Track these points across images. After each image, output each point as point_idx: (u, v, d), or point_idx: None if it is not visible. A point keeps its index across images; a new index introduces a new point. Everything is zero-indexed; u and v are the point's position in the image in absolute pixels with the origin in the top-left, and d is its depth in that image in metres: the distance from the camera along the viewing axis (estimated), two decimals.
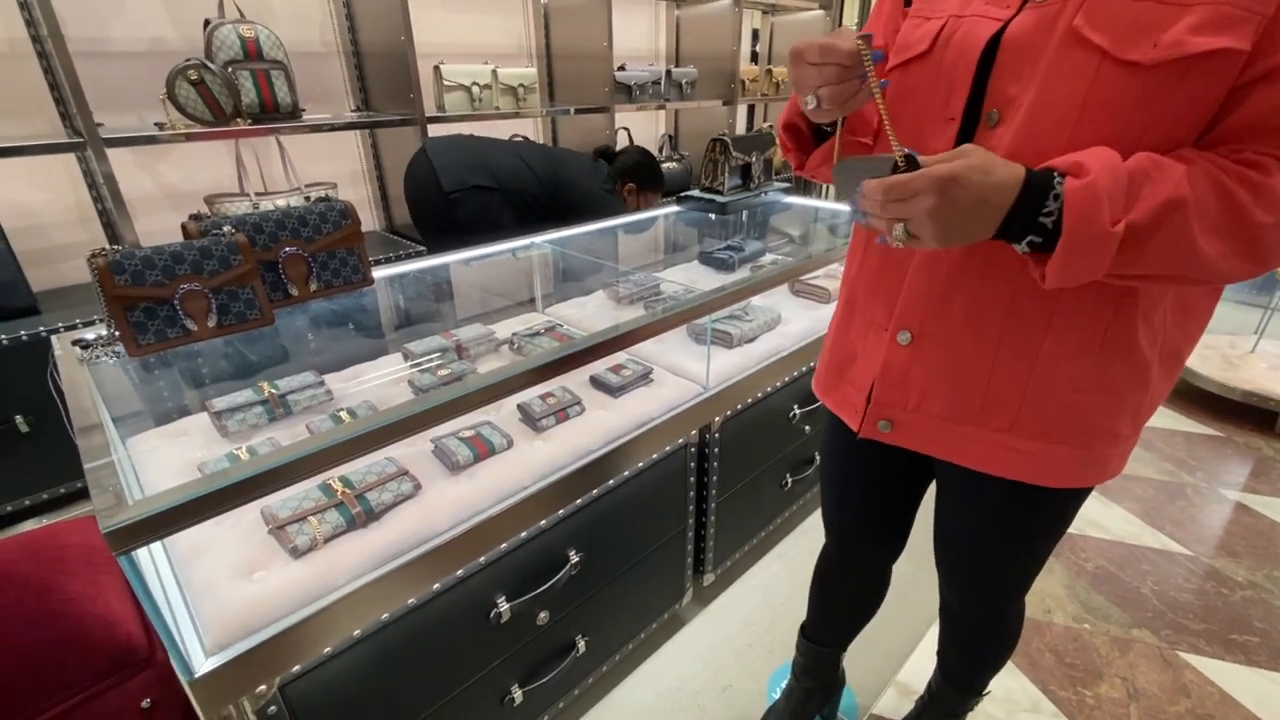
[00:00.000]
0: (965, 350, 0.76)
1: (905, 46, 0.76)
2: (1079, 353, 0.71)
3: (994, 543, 0.91)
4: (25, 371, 1.78)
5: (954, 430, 0.80)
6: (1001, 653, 1.12)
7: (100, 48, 2.02)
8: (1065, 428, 0.75)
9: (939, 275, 0.75)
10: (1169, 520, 1.99)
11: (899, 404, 0.83)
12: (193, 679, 0.76)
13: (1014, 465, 0.78)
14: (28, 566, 0.95)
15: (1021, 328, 0.72)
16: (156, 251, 1.01)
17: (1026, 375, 0.74)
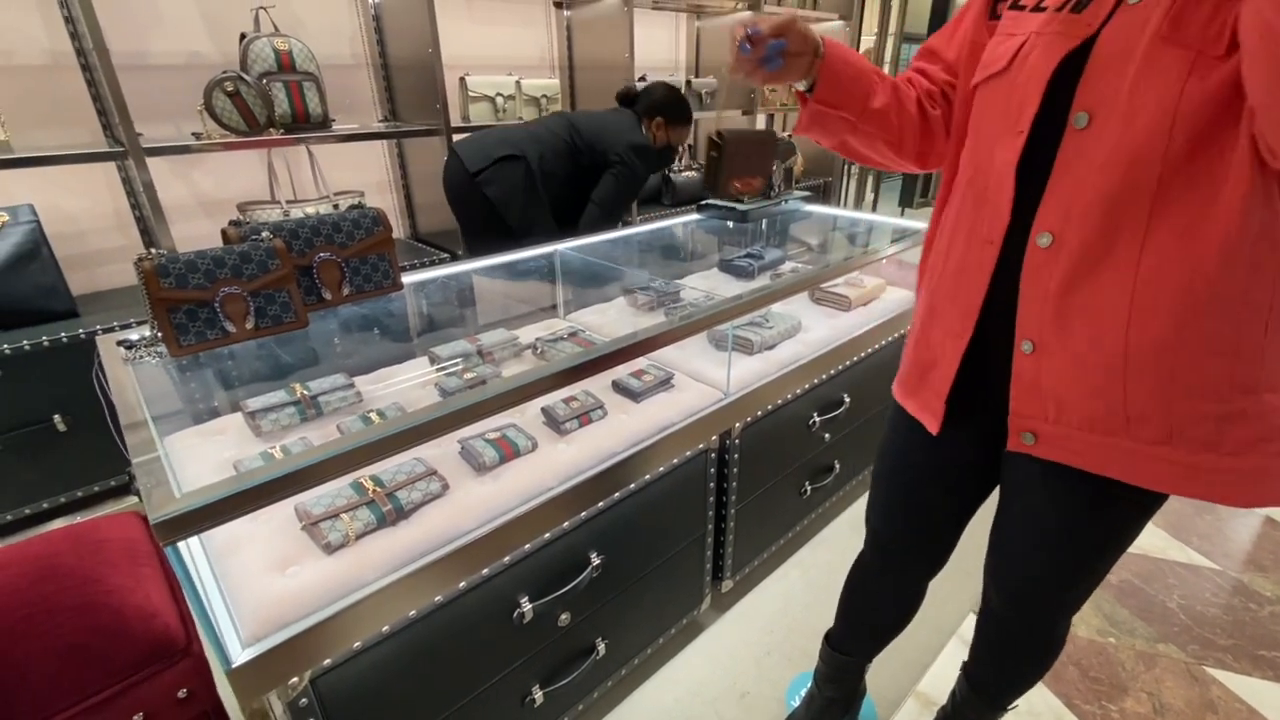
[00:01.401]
0: (1092, 357, 0.72)
1: (988, 64, 0.80)
2: (1236, 347, 0.65)
3: (1069, 556, 0.87)
4: (64, 372, 1.84)
5: (1102, 442, 0.74)
6: (1041, 669, 1.08)
7: (141, 61, 2.10)
8: (1244, 436, 0.68)
9: (1052, 280, 0.73)
10: (1196, 534, 1.95)
11: (1038, 415, 0.79)
12: (230, 669, 0.78)
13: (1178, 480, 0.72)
14: (71, 559, 0.99)
15: (1149, 327, 0.68)
16: (199, 256, 1.05)
17: (1166, 381, 0.68)
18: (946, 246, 0.88)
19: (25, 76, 1.95)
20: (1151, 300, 0.67)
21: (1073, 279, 0.72)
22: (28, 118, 1.97)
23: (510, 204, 2.06)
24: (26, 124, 1.97)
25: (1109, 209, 0.68)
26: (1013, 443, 0.83)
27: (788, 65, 0.84)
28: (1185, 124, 0.62)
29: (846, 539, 1.93)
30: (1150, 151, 0.64)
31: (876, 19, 4.81)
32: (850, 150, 0.96)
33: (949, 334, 0.86)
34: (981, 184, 0.81)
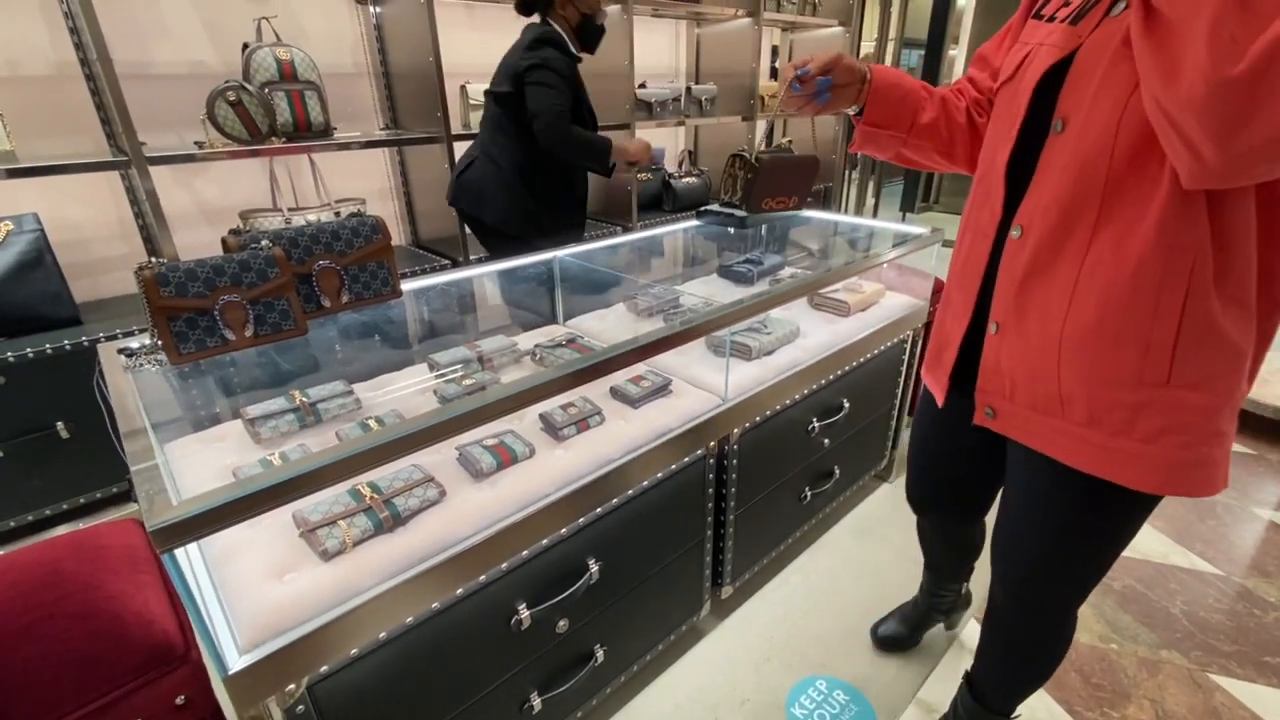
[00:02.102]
0: (1035, 342, 0.80)
1: (1004, 70, 0.88)
2: (1147, 344, 0.71)
3: (1056, 540, 0.90)
4: (67, 379, 1.85)
5: (1040, 422, 0.82)
6: (1044, 670, 1.10)
7: (144, 70, 2.12)
8: (1152, 426, 0.73)
9: (1017, 268, 0.81)
10: (1199, 539, 1.94)
11: (997, 392, 0.87)
12: (227, 676, 0.78)
13: (1097, 461, 0.78)
14: (72, 565, 0.99)
15: (1081, 319, 0.75)
16: (199, 264, 1.06)
17: (1089, 369, 0.75)
18: (959, 240, 0.97)
19: (30, 86, 1.97)
20: (1084, 296, 0.74)
21: (1031, 270, 0.79)
22: (33, 127, 1.99)
23: (483, 207, 2.09)
24: (31, 133, 1.99)
25: (1064, 209, 0.75)
26: (977, 416, 0.91)
27: (835, 97, 0.95)
28: (1126, 135, 0.68)
29: (847, 544, 1.92)
30: (1098, 158, 0.71)
31: (876, 24, 4.82)
32: (905, 159, 1.04)
33: (955, 318, 0.94)
34: (985, 184, 0.89)
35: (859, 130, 1.01)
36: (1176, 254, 0.68)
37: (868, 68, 0.96)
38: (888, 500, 2.12)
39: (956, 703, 1.26)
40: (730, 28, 3.63)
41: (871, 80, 0.96)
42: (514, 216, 2.09)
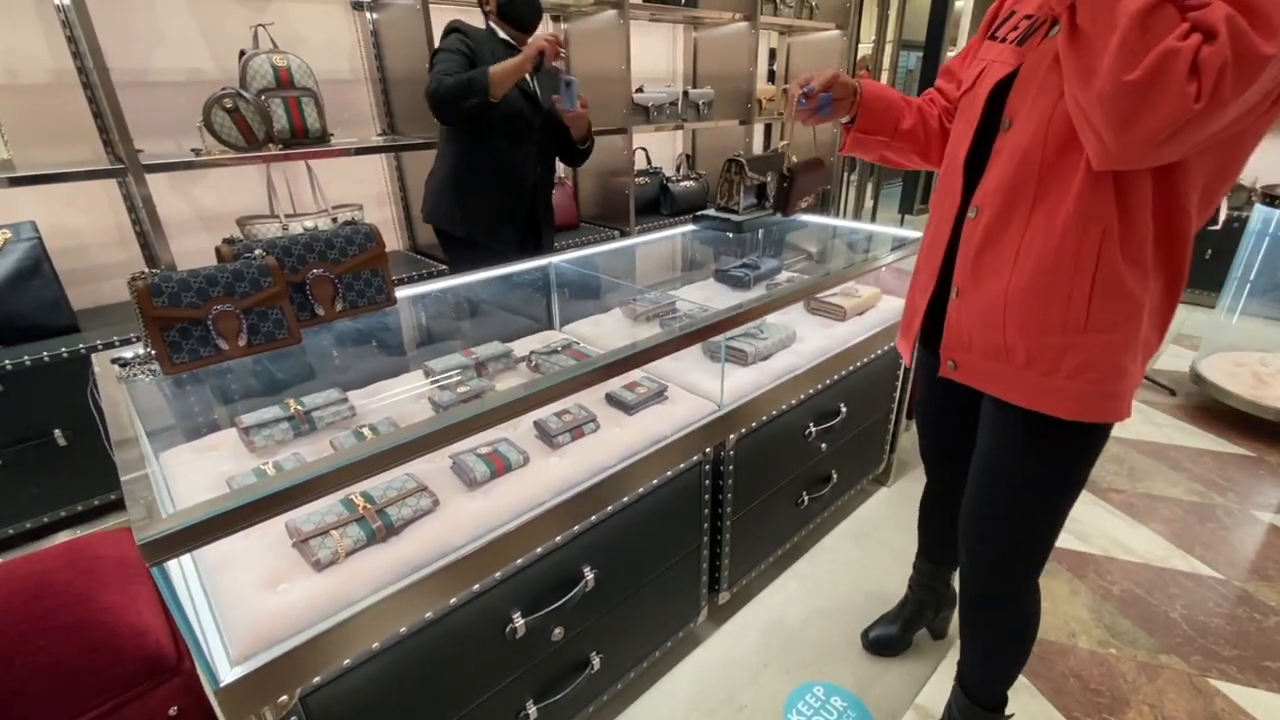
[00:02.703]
0: (987, 300, 0.95)
1: (964, 82, 1.06)
2: (1069, 296, 0.87)
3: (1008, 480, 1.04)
4: (65, 387, 1.85)
5: (990, 368, 0.98)
6: (1013, 644, 1.19)
7: (141, 78, 2.12)
8: (1073, 364, 0.89)
9: (973, 242, 0.97)
10: (1199, 542, 1.94)
11: (959, 346, 1.02)
12: (218, 688, 0.78)
13: (1031, 396, 0.94)
14: (65, 576, 0.99)
15: (1020, 279, 0.91)
16: (192, 274, 1.06)
17: (1026, 318, 0.91)
18: (927, 227, 1.12)
19: (28, 95, 1.98)
20: (1023, 260, 0.90)
21: (985, 242, 0.95)
22: (30, 135, 1.99)
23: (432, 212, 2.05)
24: (29, 141, 1.99)
25: (1009, 190, 0.91)
26: (942, 369, 1.06)
27: (833, 109, 1.13)
28: (1055, 131, 0.85)
29: (846, 549, 1.92)
30: (1035, 148, 0.88)
31: (874, 28, 4.83)
32: (887, 160, 1.22)
33: (921, 290, 1.10)
34: (946, 177, 1.05)
35: (850, 136, 1.18)
36: (1091, 223, 0.84)
37: (858, 82, 1.14)
38: (886, 504, 2.11)
39: (950, 704, 1.29)
40: (727, 31, 3.63)
41: (861, 93, 1.13)
42: (448, 218, 2.03)
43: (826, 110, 1.12)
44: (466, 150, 1.97)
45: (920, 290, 1.11)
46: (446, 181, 2.00)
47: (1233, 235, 3.32)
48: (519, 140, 1.97)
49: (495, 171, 1.98)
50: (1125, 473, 2.28)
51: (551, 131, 2.02)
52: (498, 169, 1.98)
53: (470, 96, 1.74)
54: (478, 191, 1.99)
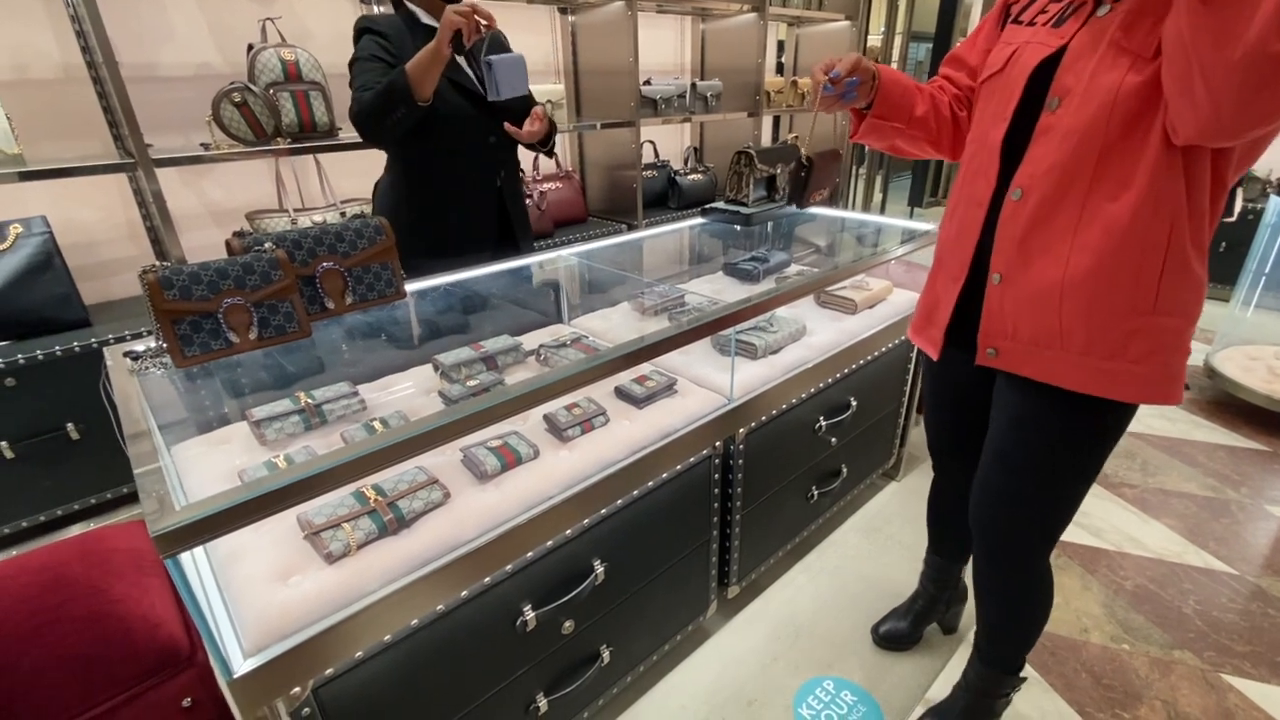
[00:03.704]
0: (1039, 285, 0.93)
1: (990, 66, 1.02)
2: (1138, 279, 0.86)
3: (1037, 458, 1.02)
4: (77, 381, 1.86)
5: (1040, 354, 0.95)
6: (1026, 614, 1.19)
7: (150, 73, 2.13)
8: (1141, 348, 0.88)
9: (1017, 227, 0.94)
10: (1212, 537, 1.92)
11: (1000, 333, 1.00)
12: (232, 679, 0.78)
13: (1091, 380, 0.91)
14: (79, 569, 1.00)
15: (1082, 262, 0.88)
16: (203, 267, 1.06)
17: (1089, 303, 0.89)
18: (950, 212, 1.10)
19: (38, 90, 1.99)
20: (1083, 243, 0.88)
21: (1032, 225, 0.92)
22: (41, 130, 2.00)
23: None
24: (40, 136, 2.00)
25: (1063, 172, 0.89)
26: (980, 357, 1.04)
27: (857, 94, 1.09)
28: (1121, 108, 0.83)
29: (855, 543, 1.91)
30: (1096, 128, 0.85)
31: (883, 19, 4.78)
32: (898, 149, 1.20)
33: (950, 279, 1.07)
34: (977, 160, 1.02)
35: (865, 123, 1.14)
36: (1163, 206, 0.83)
37: (876, 67, 1.10)
38: (896, 498, 2.10)
39: (966, 671, 1.31)
40: (736, 23, 3.60)
41: (880, 78, 1.10)
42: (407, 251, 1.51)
43: (852, 95, 1.08)
44: (416, 170, 1.67)
45: (950, 279, 1.08)
46: (400, 208, 1.69)
47: (1248, 228, 3.27)
48: (470, 148, 1.65)
49: (454, 188, 1.68)
50: (1138, 467, 2.26)
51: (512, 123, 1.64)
52: (456, 185, 1.68)
53: (395, 107, 1.44)
54: (439, 214, 1.69)
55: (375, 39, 1.56)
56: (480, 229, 1.77)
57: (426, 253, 1.69)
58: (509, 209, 1.80)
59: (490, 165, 1.72)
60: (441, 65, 1.44)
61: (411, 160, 1.67)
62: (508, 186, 1.78)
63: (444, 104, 1.56)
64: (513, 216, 1.81)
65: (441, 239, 1.72)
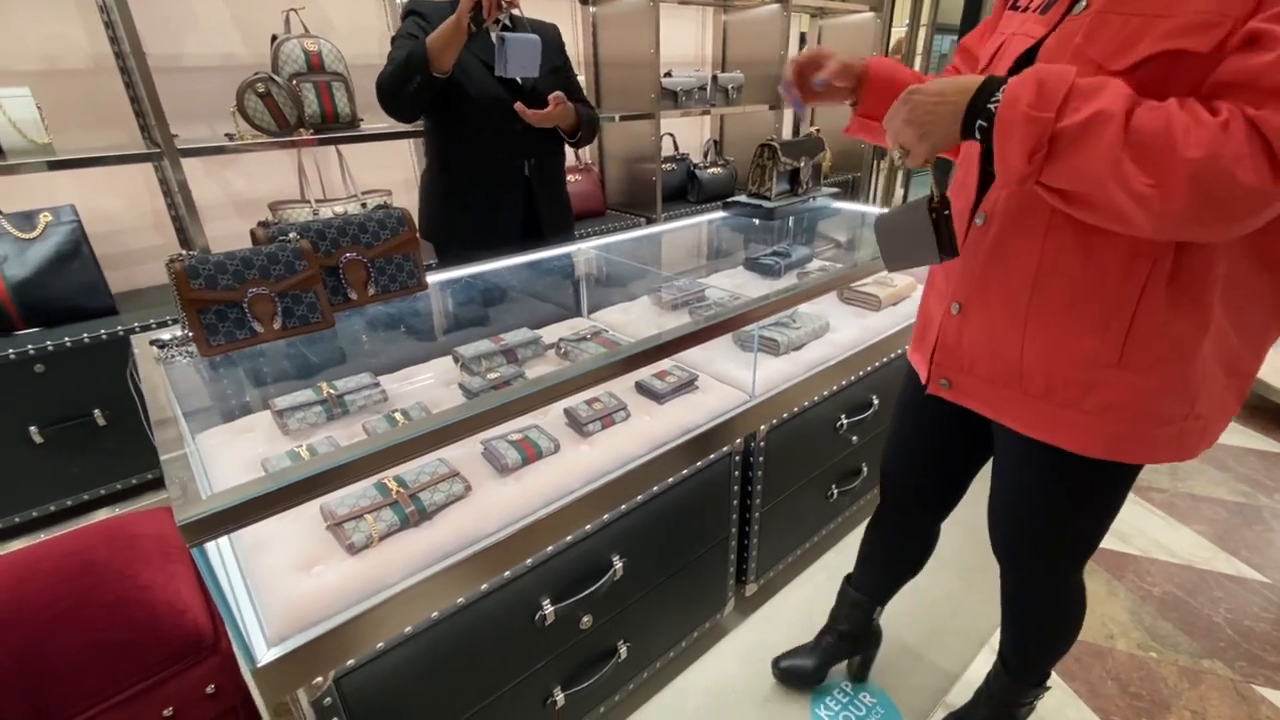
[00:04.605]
0: (1000, 321, 0.86)
1: (981, 59, 0.93)
2: (1104, 330, 0.78)
3: (1032, 507, 0.97)
4: (104, 368, 1.89)
5: (997, 393, 0.90)
6: (1056, 634, 1.13)
7: (176, 63, 2.14)
8: (1100, 401, 0.81)
9: (980, 254, 0.86)
10: (1244, 544, 1.87)
11: (954, 365, 0.94)
12: (256, 668, 0.79)
13: (1048, 428, 0.85)
14: (106, 554, 1.01)
15: (1045, 306, 0.81)
16: (228, 257, 1.06)
17: (1051, 348, 0.82)
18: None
19: (68, 81, 2.01)
20: (1049, 281, 0.80)
21: (993, 255, 0.85)
22: (70, 120, 2.02)
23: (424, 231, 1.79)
24: (69, 126, 2.02)
25: (1024, 199, 0.79)
26: (932, 387, 0.99)
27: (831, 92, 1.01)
28: None
29: None
30: None
31: (908, 11, 4.70)
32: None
33: (939, 297, 0.98)
34: (963, 170, 0.94)
35: (854, 120, 1.06)
36: (1140, 255, 0.73)
37: (864, 63, 1.01)
38: None
39: (990, 679, 1.26)
40: (758, 14, 3.56)
41: (868, 73, 1.00)
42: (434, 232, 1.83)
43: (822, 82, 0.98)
44: (443, 153, 1.73)
45: (939, 296, 0.99)
46: (431, 192, 1.78)
47: None
48: (500, 129, 1.65)
49: (478, 172, 1.71)
50: (1167, 471, 2.21)
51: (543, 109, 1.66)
52: (481, 169, 1.71)
53: (411, 77, 1.47)
54: (462, 199, 1.73)
55: (417, 20, 1.61)
56: (505, 216, 1.76)
57: (451, 237, 1.74)
58: (535, 194, 1.78)
59: (517, 150, 1.72)
60: (461, 38, 1.46)
61: (441, 142, 1.71)
62: (538, 176, 1.77)
63: (471, 83, 1.59)
64: (540, 207, 1.80)
65: (466, 224, 1.75)
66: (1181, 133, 0.59)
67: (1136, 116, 0.61)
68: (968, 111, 0.71)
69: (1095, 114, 0.62)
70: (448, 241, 1.81)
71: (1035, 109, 0.64)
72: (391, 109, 1.58)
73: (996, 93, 0.68)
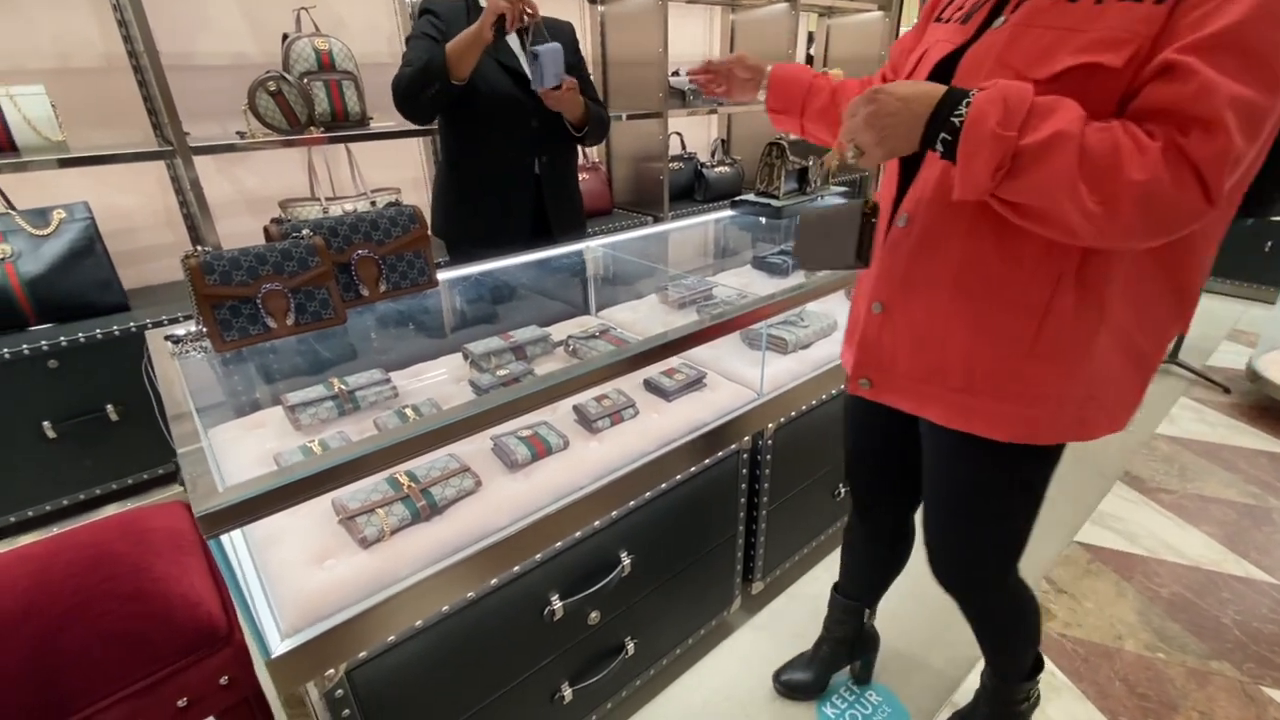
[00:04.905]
0: (922, 319, 0.89)
1: (904, 68, 0.95)
2: (1020, 323, 0.82)
3: (957, 499, 0.99)
4: (116, 364, 1.90)
5: (919, 389, 0.93)
6: (1012, 635, 1.15)
7: (188, 62, 2.16)
8: (1014, 389, 0.85)
9: (901, 255, 0.89)
10: (1253, 546, 1.86)
11: (874, 364, 0.97)
12: (270, 659, 0.80)
13: (967, 418, 0.89)
14: (120, 547, 1.02)
15: (967, 301, 0.84)
16: (243, 253, 1.07)
17: (972, 342, 0.85)
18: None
19: (81, 79, 2.03)
20: (967, 281, 0.83)
21: (916, 255, 0.87)
22: (83, 118, 2.04)
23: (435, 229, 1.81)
24: (82, 124, 2.04)
25: (946, 199, 0.81)
26: (851, 387, 1.01)
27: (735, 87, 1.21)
28: None
29: None
30: None
31: (915, 8, 4.68)
32: (816, 138, 1.20)
33: (865, 297, 0.99)
34: (886, 174, 0.97)
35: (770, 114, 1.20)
36: (1054, 248, 0.76)
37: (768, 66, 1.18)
38: None
39: (983, 677, 1.27)
40: (766, 13, 3.56)
41: (770, 74, 1.17)
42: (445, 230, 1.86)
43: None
44: (455, 150, 1.75)
45: (862, 297, 1.00)
46: (443, 189, 1.81)
47: None
48: (513, 129, 1.68)
49: (489, 169, 1.72)
50: (1176, 473, 2.20)
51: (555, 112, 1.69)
52: (492, 167, 1.72)
53: (430, 83, 1.50)
54: (473, 195, 1.75)
55: (432, 19, 1.63)
56: (515, 213, 1.77)
57: (463, 235, 1.77)
58: (546, 198, 1.79)
59: (529, 148, 1.72)
60: (481, 47, 1.49)
61: (454, 138, 1.73)
62: (548, 175, 1.77)
63: (486, 83, 1.61)
64: (549, 207, 1.80)
65: (476, 221, 1.76)
66: (1128, 157, 0.63)
67: (1088, 137, 0.64)
68: (929, 122, 0.72)
69: (1055, 134, 0.65)
70: (458, 239, 1.83)
71: (1003, 127, 0.66)
72: (407, 112, 1.60)
73: (960, 106, 0.70)
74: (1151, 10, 0.65)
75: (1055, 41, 0.71)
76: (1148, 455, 2.29)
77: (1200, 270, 0.81)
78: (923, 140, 0.74)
